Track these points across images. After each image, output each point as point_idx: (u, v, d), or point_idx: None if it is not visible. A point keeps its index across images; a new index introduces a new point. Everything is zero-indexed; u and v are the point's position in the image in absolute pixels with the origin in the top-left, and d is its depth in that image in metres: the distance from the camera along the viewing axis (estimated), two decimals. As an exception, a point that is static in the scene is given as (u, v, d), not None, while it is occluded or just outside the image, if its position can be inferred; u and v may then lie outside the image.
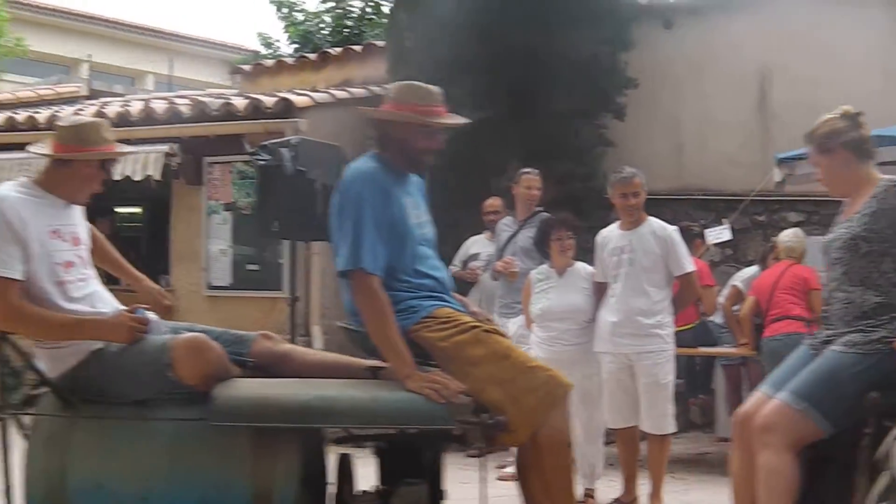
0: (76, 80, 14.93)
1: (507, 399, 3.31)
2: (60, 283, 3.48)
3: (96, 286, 3.64)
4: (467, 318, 3.52)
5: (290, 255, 7.88)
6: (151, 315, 3.59)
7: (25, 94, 13.32)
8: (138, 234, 11.65)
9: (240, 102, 9.09)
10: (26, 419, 3.52)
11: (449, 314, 3.51)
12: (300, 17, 15.69)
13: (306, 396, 3.28)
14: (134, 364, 3.39)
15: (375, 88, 9.83)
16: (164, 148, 8.99)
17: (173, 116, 9.23)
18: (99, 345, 3.43)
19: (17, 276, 3.37)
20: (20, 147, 9.62)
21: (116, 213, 11.48)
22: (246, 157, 8.47)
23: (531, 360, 3.56)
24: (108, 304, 3.61)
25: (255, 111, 8.86)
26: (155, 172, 8.96)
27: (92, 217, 10.05)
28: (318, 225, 7.19)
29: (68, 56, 22.92)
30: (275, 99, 8.85)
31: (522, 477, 3.49)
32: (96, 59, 22.41)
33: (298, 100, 8.82)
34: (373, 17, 14.93)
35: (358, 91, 9.93)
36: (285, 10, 15.73)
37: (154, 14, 54.60)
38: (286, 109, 8.70)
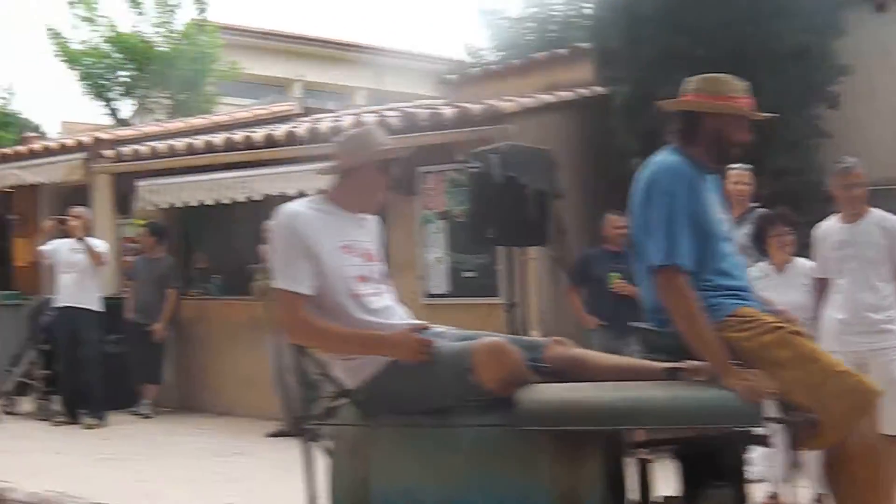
0: (290, 100, 15.99)
1: (814, 404, 3.33)
2: (355, 295, 3.66)
3: (391, 301, 3.80)
4: (771, 318, 3.56)
5: (506, 261, 8.30)
6: (439, 327, 3.76)
7: (242, 114, 14.42)
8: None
9: (448, 112, 9.56)
10: (327, 430, 3.78)
11: (752, 313, 3.54)
12: (504, 24, 16.19)
13: (611, 398, 3.33)
14: (433, 371, 3.50)
15: (582, 91, 10.11)
16: (377, 160, 9.49)
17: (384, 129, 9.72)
18: None
19: (306, 291, 3.59)
20: (239, 166, 10.55)
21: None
22: (457, 166, 8.90)
23: (839, 363, 3.54)
24: (402, 319, 3.76)
25: (464, 119, 9.39)
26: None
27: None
28: (532, 229, 7.67)
29: (281, 77, 24.36)
30: (482, 106, 9.28)
31: (831, 484, 3.51)
32: (308, 78, 23.73)
33: (505, 106, 9.29)
34: (576, 19, 15.24)
35: (565, 94, 10.34)
36: (489, 19, 16.27)
37: (362, 30, 56.77)
38: (494, 116, 9.18)
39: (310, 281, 3.59)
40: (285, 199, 10.12)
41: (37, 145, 14.19)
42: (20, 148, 14.41)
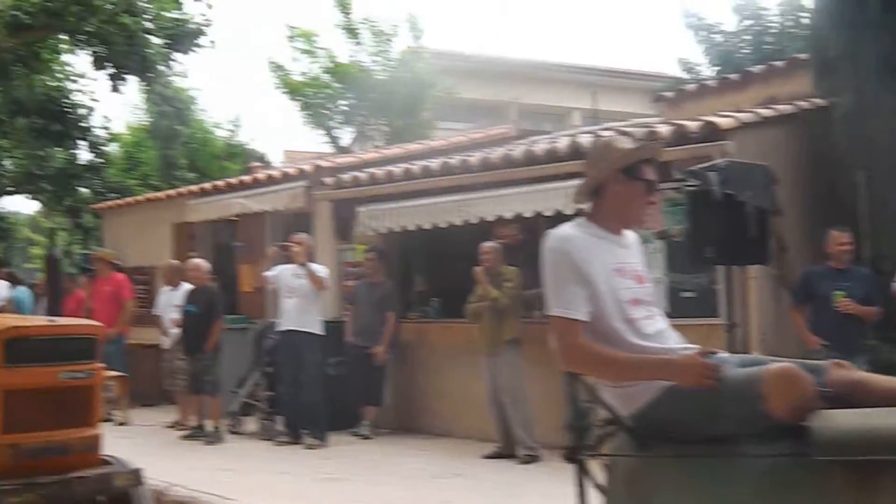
0: (505, 122, 16.29)
1: None
2: (630, 320, 3.63)
3: (664, 324, 3.76)
4: None
5: (725, 281, 8.25)
6: (721, 353, 3.73)
7: (458, 139, 14.77)
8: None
9: (664, 129, 9.58)
10: (600, 460, 3.73)
11: None
12: (719, 38, 16.08)
13: None
14: (716, 399, 3.40)
15: (802, 103, 9.95)
16: (593, 180, 9.60)
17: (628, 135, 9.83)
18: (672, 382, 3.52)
19: (582, 317, 3.57)
20: (456, 190, 10.89)
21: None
22: (674, 184, 8.90)
23: None
24: (676, 342, 3.73)
25: (680, 137, 9.41)
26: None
27: (537, 252, 11.13)
28: (752, 248, 7.63)
29: (497, 100, 24.77)
30: (699, 123, 9.26)
31: None
32: (524, 101, 24.06)
33: (723, 122, 9.26)
34: (793, 30, 14.95)
35: (783, 108, 10.19)
36: (703, 33, 16.18)
37: (576, 51, 57.11)
38: (711, 132, 9.16)
39: (585, 307, 3.57)
40: (502, 222, 10.48)
41: (261, 174, 15.04)
42: (245, 177, 15.34)
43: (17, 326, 5.85)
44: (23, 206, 41.66)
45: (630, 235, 3.88)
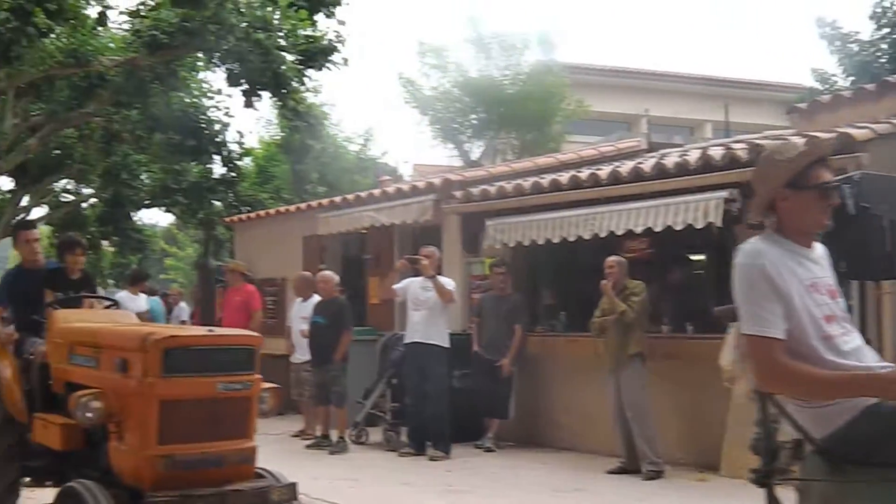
0: (636, 135, 16.25)
1: None
2: (826, 337, 3.49)
3: (859, 340, 3.62)
4: None
5: (859, 296, 8.12)
6: None
7: (588, 152, 14.80)
8: (702, 282, 12.37)
9: (797, 142, 9.40)
10: (790, 484, 3.61)
11: None
12: (854, 47, 15.77)
13: None
14: None
15: (940, 114, 9.70)
16: (724, 194, 9.72)
17: (731, 162, 9.87)
18: (872, 401, 3.36)
19: (780, 335, 3.43)
20: (585, 204, 10.94)
21: (690, 260, 12.35)
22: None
23: None
24: (874, 360, 3.60)
25: (815, 149, 9.13)
26: (716, 219, 9.60)
27: (666, 266, 11.08)
28: (887, 262, 7.48)
29: (627, 113, 24.73)
30: (833, 134, 9.12)
31: None
32: (654, 113, 24.01)
33: (858, 133, 9.14)
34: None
35: (922, 118, 9.87)
36: (838, 43, 15.90)
37: (708, 62, 56.45)
38: (846, 144, 9.02)
39: (782, 324, 3.43)
40: (631, 236, 10.50)
41: (391, 188, 15.33)
42: (375, 191, 15.66)
43: (176, 336, 5.81)
44: (158, 218, 43.15)
45: (818, 248, 3.75)
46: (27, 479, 7.06)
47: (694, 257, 12.89)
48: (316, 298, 12.51)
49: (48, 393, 6.60)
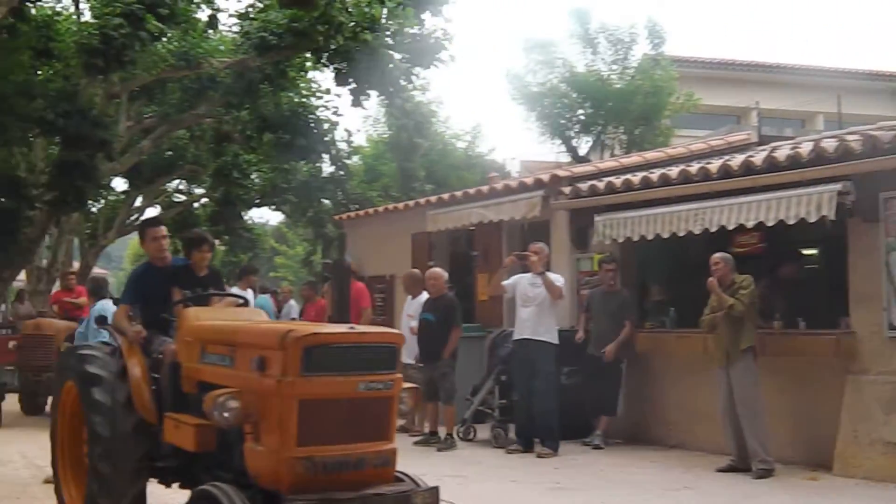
0: (746, 128, 16.08)
1: None
2: None
3: None
4: None
5: None
6: None
7: (697, 146, 14.71)
8: (815, 276, 12.23)
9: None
10: None
11: None
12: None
13: None
14: None
15: None
16: (837, 187, 9.60)
17: (844, 154, 9.73)
18: None
19: None
20: (695, 198, 10.90)
21: (802, 254, 12.22)
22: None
23: None
24: None
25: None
26: (829, 212, 9.48)
27: (778, 260, 10.95)
28: None
29: (737, 105, 24.47)
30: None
31: None
32: (765, 105, 23.69)
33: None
34: None
35: None
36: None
37: (818, 53, 55.32)
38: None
39: None
40: (742, 230, 10.43)
41: (498, 184, 15.44)
42: (483, 187, 15.79)
43: (317, 333, 5.52)
44: (268, 217, 44.02)
45: None
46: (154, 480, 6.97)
47: (806, 251, 12.74)
48: (425, 296, 12.67)
49: (179, 392, 6.51)
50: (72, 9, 24.38)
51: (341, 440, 5.53)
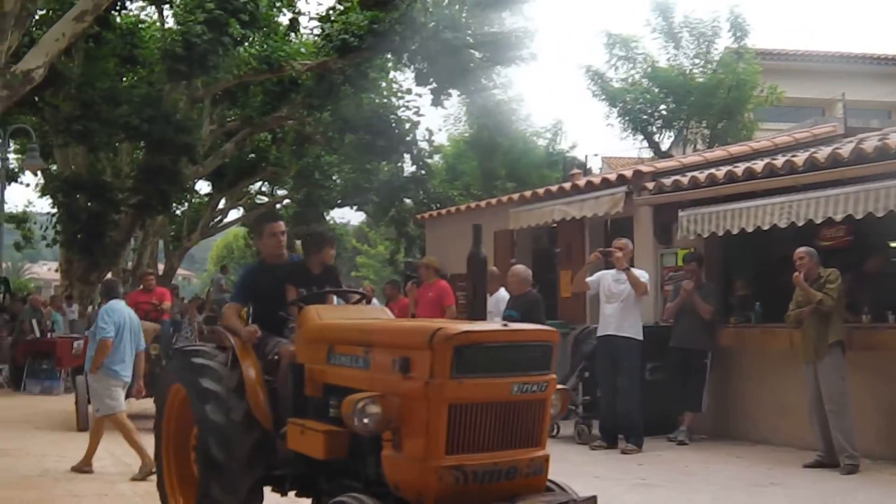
0: (831, 121, 15.93)
1: None
2: None
3: None
4: None
5: None
6: None
7: (782, 139, 14.62)
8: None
9: None
10: None
11: None
12: None
13: None
14: None
15: None
16: (927, 178, 9.40)
17: None
18: None
19: None
20: (780, 192, 10.87)
21: (890, 247, 12.09)
22: None
23: None
24: None
25: None
26: (918, 204, 9.36)
27: (865, 253, 10.87)
28: None
29: (821, 98, 24.19)
30: None
31: None
32: (850, 97, 23.36)
33: None
34: None
35: None
36: None
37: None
38: None
39: None
40: (829, 223, 10.36)
41: (581, 181, 15.50)
42: (565, 184, 15.87)
43: (469, 331, 5.06)
44: (350, 217, 44.48)
45: None
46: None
47: (894, 244, 12.60)
48: (502, 292, 12.72)
49: (300, 396, 6.11)
50: (155, 16, 25.01)
51: (492, 447, 5.11)
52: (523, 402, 5.17)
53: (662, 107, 22.14)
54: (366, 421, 5.10)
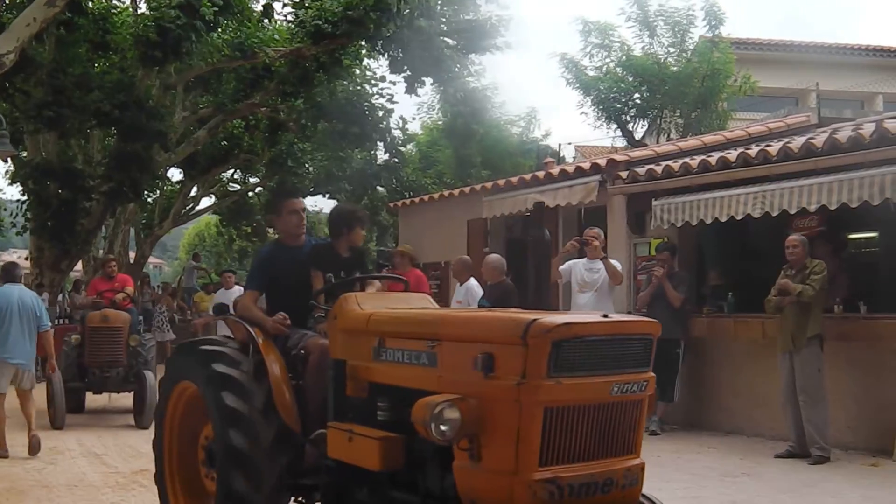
0: (805, 110, 15.98)
1: None
2: None
3: None
4: None
5: None
6: None
7: (756, 129, 14.64)
8: (874, 260, 12.15)
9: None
10: None
11: None
12: None
13: None
14: None
15: None
16: (900, 168, 9.42)
17: None
18: None
19: None
20: (754, 181, 10.88)
21: (849, 239, 12.13)
22: None
23: None
24: None
25: None
26: (893, 195, 9.41)
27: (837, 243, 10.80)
28: None
29: (795, 87, 24.29)
30: None
31: None
32: (823, 87, 23.45)
33: None
34: None
35: None
36: None
37: (878, 32, 54.46)
38: None
39: None
40: (803, 214, 10.38)
41: (554, 169, 15.48)
42: (539, 173, 15.84)
43: (570, 323, 4.41)
44: (323, 205, 44.34)
45: None
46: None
47: (865, 235, 12.66)
48: (472, 282, 12.64)
49: (341, 397, 5.43)
50: (128, 1, 24.79)
51: (588, 456, 4.48)
52: (622, 403, 4.55)
53: (637, 95, 22.16)
54: (443, 428, 4.40)
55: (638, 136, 22.90)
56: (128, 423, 13.07)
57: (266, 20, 23.73)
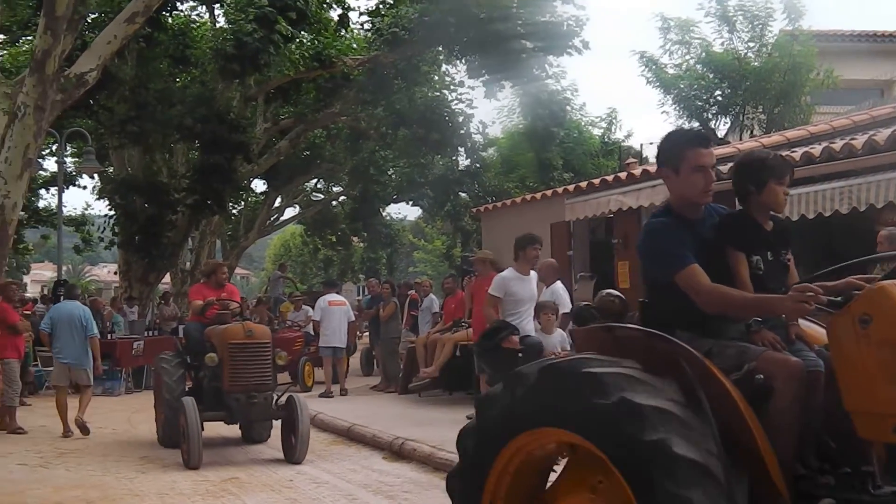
0: (890, 101, 15.70)
1: None
2: None
3: None
4: None
5: None
6: None
7: (841, 122, 14.38)
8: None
9: None
10: None
11: None
12: None
13: None
14: None
15: None
16: None
17: None
18: None
19: None
20: (840, 176, 10.70)
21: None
22: None
23: None
24: None
25: None
26: (984, 186, 9.18)
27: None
28: None
29: (880, 79, 23.81)
30: None
31: None
32: (908, 78, 22.92)
33: None
34: None
35: None
36: None
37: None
38: None
39: None
40: (892, 207, 10.18)
41: (636, 170, 15.39)
42: (621, 174, 15.78)
43: None
44: (406, 212, 44.61)
45: None
46: None
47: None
48: (558, 285, 12.63)
49: (847, 444, 3.94)
50: (206, 16, 25.27)
51: None
52: None
53: (718, 92, 21.92)
54: None
55: (720, 133, 22.65)
56: (217, 432, 12.85)
57: (342, 29, 24.01)
